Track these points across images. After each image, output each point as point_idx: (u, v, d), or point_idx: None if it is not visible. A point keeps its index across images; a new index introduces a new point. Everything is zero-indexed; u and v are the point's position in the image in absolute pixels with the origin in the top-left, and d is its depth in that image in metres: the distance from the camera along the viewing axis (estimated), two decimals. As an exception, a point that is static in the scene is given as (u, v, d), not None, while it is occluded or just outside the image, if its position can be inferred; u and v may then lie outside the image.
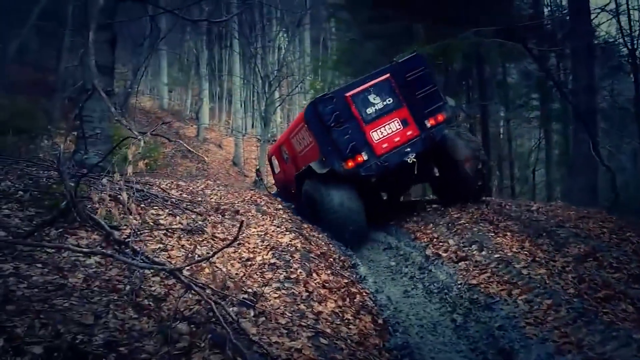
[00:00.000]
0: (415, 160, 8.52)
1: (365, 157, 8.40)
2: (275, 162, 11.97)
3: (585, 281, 5.50)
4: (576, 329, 4.40)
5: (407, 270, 7.06)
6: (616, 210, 9.46)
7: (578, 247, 6.68)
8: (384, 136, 8.57)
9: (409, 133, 8.66)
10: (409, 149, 8.56)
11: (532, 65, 16.26)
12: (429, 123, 8.71)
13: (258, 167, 22.12)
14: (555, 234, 7.28)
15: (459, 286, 5.93)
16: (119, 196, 5.37)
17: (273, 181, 13.83)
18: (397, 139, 8.60)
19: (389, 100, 8.63)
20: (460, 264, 6.53)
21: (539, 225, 7.81)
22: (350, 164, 8.36)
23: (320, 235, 8.22)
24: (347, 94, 8.56)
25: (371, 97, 8.57)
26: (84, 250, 4.36)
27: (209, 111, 33.36)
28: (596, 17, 13.63)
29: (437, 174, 9.78)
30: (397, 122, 8.65)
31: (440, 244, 7.50)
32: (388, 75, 8.75)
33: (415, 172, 8.67)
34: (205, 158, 23.69)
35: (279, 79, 25.52)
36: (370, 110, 8.56)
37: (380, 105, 8.59)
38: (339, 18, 23.54)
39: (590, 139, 10.52)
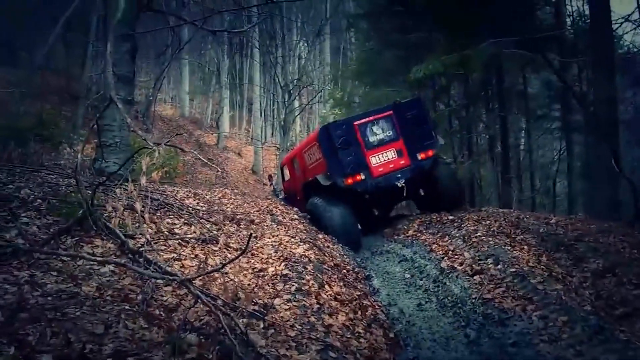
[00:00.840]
0: (404, 185, 9.95)
1: (362, 177, 9.86)
2: (287, 171, 13.34)
3: (603, 298, 5.42)
4: (592, 347, 4.32)
5: (422, 283, 7.00)
6: (638, 224, 9.26)
7: (597, 262, 6.57)
8: (380, 162, 10.08)
9: (401, 162, 10.17)
10: (399, 175, 10.02)
11: (553, 75, 16.07)
12: (420, 156, 10.21)
13: (273, 173, 22.27)
14: (574, 248, 7.17)
15: (473, 300, 5.87)
16: (135, 205, 5.43)
17: (281, 187, 15.31)
18: (391, 166, 10.10)
19: (389, 133, 10.18)
20: (475, 277, 6.46)
21: (557, 239, 7.69)
22: (350, 180, 9.80)
23: (334, 247, 8.21)
24: (355, 123, 10.10)
25: (374, 128, 10.14)
26: (98, 259, 4.42)
27: (229, 119, 33.65)
28: (619, 26, 13.47)
29: (422, 194, 10.82)
30: (393, 152, 10.17)
31: (456, 256, 7.42)
32: (391, 112, 10.29)
33: (404, 194, 10.24)
34: (219, 168, 23.84)
35: (298, 88, 25.60)
36: (372, 139, 10.10)
37: (381, 136, 10.15)
38: (359, 28, 23.60)
39: (611, 150, 10.34)
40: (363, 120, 10.15)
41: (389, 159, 10.11)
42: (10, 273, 3.84)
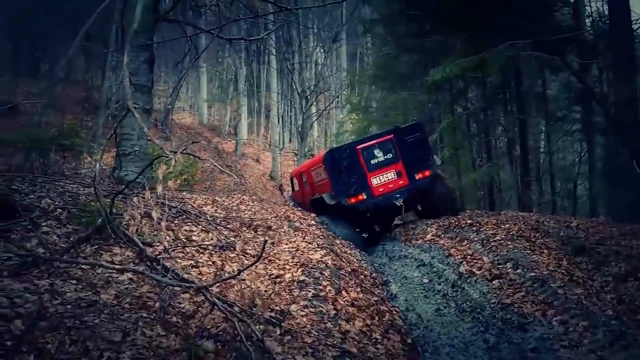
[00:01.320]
0: (402, 203, 10.83)
1: (364, 197, 10.74)
2: (296, 182, 14.33)
3: (625, 302, 5.32)
4: (613, 353, 4.24)
5: (440, 288, 6.95)
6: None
7: (618, 265, 6.45)
8: (381, 182, 10.88)
9: (400, 182, 10.95)
10: (398, 195, 10.85)
11: (572, 76, 15.85)
12: (417, 176, 10.98)
13: (284, 183, 22.58)
14: (595, 252, 7.04)
15: (492, 305, 5.80)
16: (152, 213, 5.49)
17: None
18: (391, 186, 10.90)
19: (389, 155, 10.93)
20: (494, 282, 6.39)
21: (578, 242, 7.57)
22: (353, 200, 10.70)
23: (352, 252, 8.19)
24: (358, 147, 10.94)
25: (376, 151, 10.91)
26: (117, 267, 4.48)
27: (247, 126, 33.83)
28: (640, 27, 13.24)
29: (420, 208, 11.98)
30: (393, 173, 10.94)
31: (475, 261, 7.35)
32: (391, 135, 11.07)
33: (402, 210, 11.26)
34: (235, 175, 23.99)
35: (315, 93, 25.68)
36: (373, 161, 10.88)
37: (382, 158, 10.91)
38: (375, 33, 23.60)
39: (632, 152, 10.16)
40: (365, 144, 10.99)
41: (389, 179, 10.92)
42: (31, 282, 3.91)
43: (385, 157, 10.91)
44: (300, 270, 5.89)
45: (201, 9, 15.32)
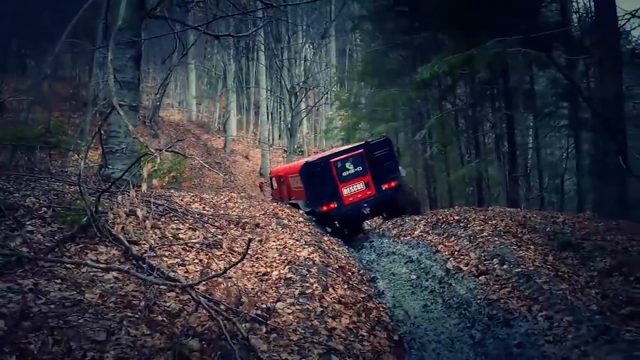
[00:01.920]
0: (369, 212, 11.99)
1: (335, 205, 11.77)
2: (275, 182, 15.46)
3: (609, 297, 5.36)
4: (597, 348, 4.28)
5: (427, 284, 6.97)
6: (646, 221, 9.16)
7: (604, 261, 6.51)
8: (351, 192, 11.90)
9: (368, 193, 12.00)
10: (366, 204, 11.91)
11: (559, 73, 15.91)
12: (384, 187, 12.05)
13: (263, 181, 22.91)
14: (581, 247, 7.10)
15: (479, 301, 5.84)
16: (137, 211, 5.45)
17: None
18: (359, 195, 11.95)
19: (359, 168, 11.94)
20: (480, 278, 6.42)
21: (564, 238, 7.63)
22: (325, 208, 11.73)
23: (340, 249, 8.20)
24: (331, 160, 11.91)
25: (347, 164, 11.91)
26: (102, 265, 4.45)
27: (237, 123, 33.72)
28: (627, 22, 13.31)
29: (385, 215, 13.07)
30: (362, 184, 11.97)
31: (462, 257, 7.38)
32: (362, 150, 12.06)
33: (369, 217, 12.75)
34: (221, 173, 23.93)
35: (305, 90, 25.65)
36: (345, 173, 11.88)
37: (352, 171, 11.92)
38: (364, 29, 23.58)
39: (618, 148, 10.25)
40: (338, 158, 11.94)
41: (358, 190, 11.93)
42: (15, 281, 3.87)
43: (356, 169, 11.92)
44: (287, 267, 5.90)
45: (188, 5, 15.21)
